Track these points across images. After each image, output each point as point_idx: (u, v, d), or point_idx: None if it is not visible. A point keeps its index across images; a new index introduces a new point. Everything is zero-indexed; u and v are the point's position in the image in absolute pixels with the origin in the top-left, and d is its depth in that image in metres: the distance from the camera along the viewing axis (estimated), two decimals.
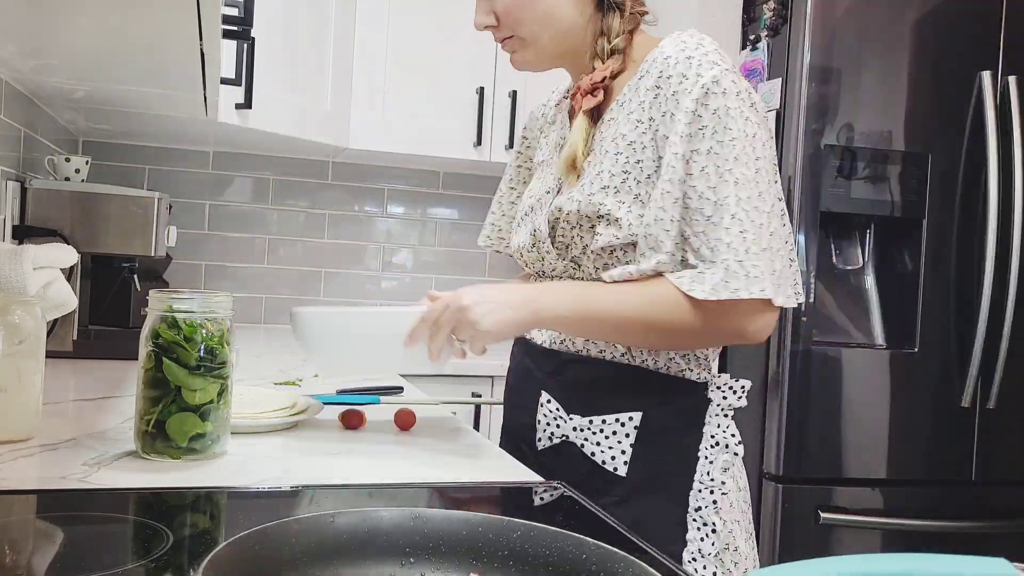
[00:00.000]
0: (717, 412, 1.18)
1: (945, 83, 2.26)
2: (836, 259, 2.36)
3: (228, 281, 2.94)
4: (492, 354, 1.20)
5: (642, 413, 1.16)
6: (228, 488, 0.95)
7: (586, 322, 1.14)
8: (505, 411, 1.34)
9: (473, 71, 2.75)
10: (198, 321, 1.03)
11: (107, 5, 1.17)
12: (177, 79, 1.69)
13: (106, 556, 0.74)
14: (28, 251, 1.34)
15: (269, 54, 2.33)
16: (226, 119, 2.25)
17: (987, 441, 2.29)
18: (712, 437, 1.17)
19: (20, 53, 1.54)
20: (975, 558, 0.55)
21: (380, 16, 2.69)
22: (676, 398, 1.17)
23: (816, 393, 2.20)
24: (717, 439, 1.17)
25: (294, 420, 1.27)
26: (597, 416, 1.18)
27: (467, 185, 3.17)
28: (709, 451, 1.17)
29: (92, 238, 1.92)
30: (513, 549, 0.61)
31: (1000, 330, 2.22)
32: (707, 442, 1.17)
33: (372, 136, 2.69)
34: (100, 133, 2.69)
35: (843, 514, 2.19)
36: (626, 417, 1.16)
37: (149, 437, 1.03)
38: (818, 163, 2.20)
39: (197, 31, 1.25)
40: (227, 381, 1.06)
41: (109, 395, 1.46)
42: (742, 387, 1.19)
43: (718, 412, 1.18)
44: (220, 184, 2.95)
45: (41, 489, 0.92)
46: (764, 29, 2.33)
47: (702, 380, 1.19)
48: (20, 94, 1.88)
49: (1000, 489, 2.32)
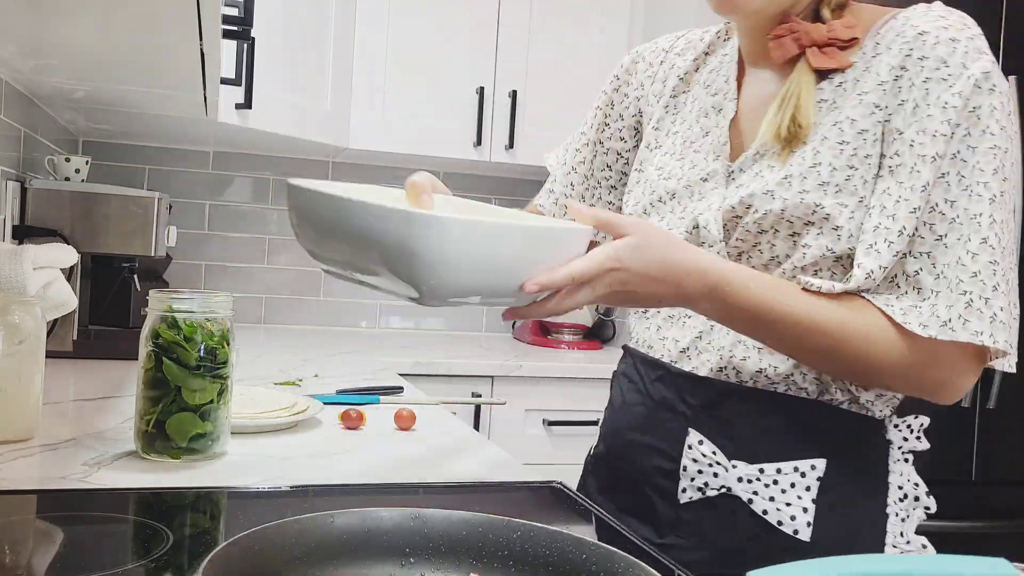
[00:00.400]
0: (899, 457, 0.99)
1: None
2: None
3: (228, 281, 2.94)
4: (491, 353, 1.20)
5: (826, 460, 0.95)
6: (228, 488, 0.95)
7: (766, 326, 0.90)
8: (608, 443, 1.11)
9: (473, 71, 2.75)
10: (198, 321, 1.03)
11: (107, 5, 1.16)
12: (177, 79, 1.69)
13: (106, 556, 0.74)
14: (28, 251, 1.34)
15: (269, 54, 2.33)
16: (226, 119, 2.25)
17: (987, 441, 2.29)
18: (900, 488, 0.99)
19: (20, 53, 1.54)
20: (975, 558, 0.56)
21: (380, 16, 2.69)
22: (861, 441, 0.97)
23: None
24: (906, 491, 0.99)
25: (294, 420, 1.27)
26: (770, 464, 0.95)
27: (467, 185, 3.17)
28: (898, 506, 0.98)
29: (92, 238, 1.92)
30: (513, 549, 0.62)
31: None
32: (894, 495, 0.98)
33: (372, 136, 2.69)
34: (100, 133, 2.69)
35: None
36: (807, 466, 0.95)
37: (149, 437, 1.03)
38: None
39: (197, 31, 1.25)
40: (227, 381, 1.06)
41: (109, 395, 1.46)
42: (920, 425, 1.00)
43: (899, 458, 0.99)
44: (220, 184, 2.95)
45: (41, 489, 0.92)
46: None
47: (881, 416, 0.98)
48: (20, 94, 1.88)
49: (1000, 489, 2.32)
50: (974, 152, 0.88)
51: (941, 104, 0.88)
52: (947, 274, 0.87)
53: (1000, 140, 0.88)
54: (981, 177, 0.87)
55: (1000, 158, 0.88)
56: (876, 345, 0.88)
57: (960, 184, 0.87)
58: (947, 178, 0.88)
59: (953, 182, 0.88)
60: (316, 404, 1.34)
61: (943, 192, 0.88)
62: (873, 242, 0.89)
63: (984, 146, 0.88)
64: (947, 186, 0.88)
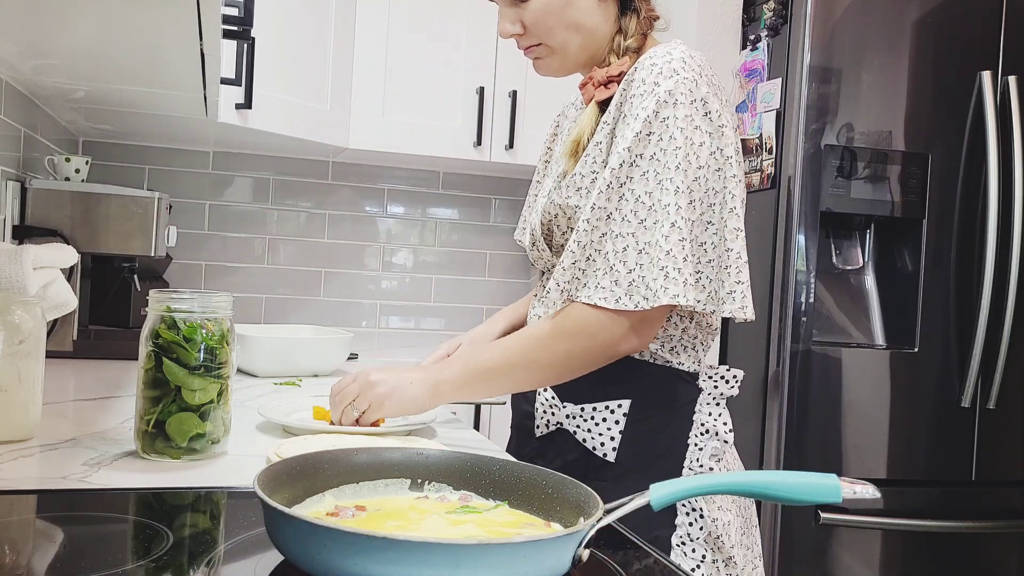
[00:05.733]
0: (708, 401, 1.21)
1: (945, 83, 2.26)
2: (836, 259, 2.36)
3: (228, 281, 2.94)
4: None
5: (630, 400, 1.19)
6: (228, 488, 0.95)
7: (479, 380, 1.17)
8: (513, 401, 1.38)
9: (473, 71, 2.75)
10: (198, 321, 1.03)
11: (107, 5, 1.17)
12: (177, 79, 1.69)
13: (106, 556, 0.74)
14: (28, 251, 1.34)
15: (269, 54, 2.33)
16: (226, 119, 2.25)
17: (987, 441, 2.29)
18: (702, 425, 1.20)
19: (20, 53, 1.54)
20: (811, 473, 0.73)
21: (380, 16, 2.69)
22: (666, 387, 1.20)
23: (816, 393, 2.20)
24: (707, 427, 1.19)
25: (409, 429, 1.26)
26: (588, 404, 1.21)
27: (467, 185, 3.17)
28: (699, 438, 1.19)
29: (92, 238, 1.92)
30: (492, 478, 0.84)
31: (1000, 330, 2.22)
32: (697, 430, 1.19)
33: (372, 136, 2.69)
34: (100, 133, 2.69)
35: (843, 514, 2.19)
36: (615, 404, 1.19)
37: (149, 437, 1.03)
38: (818, 163, 2.20)
39: (197, 31, 1.25)
40: (227, 381, 1.06)
41: (109, 395, 1.46)
42: (734, 376, 1.21)
43: (709, 401, 1.21)
44: (220, 184, 2.95)
45: (41, 489, 0.92)
46: (764, 29, 2.33)
47: (693, 370, 1.21)
48: (20, 94, 1.88)
49: (1000, 489, 2.32)
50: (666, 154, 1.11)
51: (636, 116, 1.11)
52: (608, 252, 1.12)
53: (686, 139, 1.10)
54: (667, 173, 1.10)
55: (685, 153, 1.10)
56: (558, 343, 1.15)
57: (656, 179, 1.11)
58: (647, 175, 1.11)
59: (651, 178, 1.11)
60: None
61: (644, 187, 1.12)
62: None
63: (672, 147, 1.11)
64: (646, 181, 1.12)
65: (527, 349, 1.15)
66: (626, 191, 1.11)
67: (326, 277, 3.06)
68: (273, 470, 0.76)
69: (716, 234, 1.13)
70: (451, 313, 3.13)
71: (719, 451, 1.19)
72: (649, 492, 0.72)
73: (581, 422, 1.21)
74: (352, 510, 0.77)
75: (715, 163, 1.12)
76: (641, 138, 1.10)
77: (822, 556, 2.21)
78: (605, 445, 1.19)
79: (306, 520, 0.64)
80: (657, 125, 1.10)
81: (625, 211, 1.11)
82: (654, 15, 1.25)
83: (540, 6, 1.20)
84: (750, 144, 2.36)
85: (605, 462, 1.19)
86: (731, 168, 1.13)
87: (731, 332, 2.45)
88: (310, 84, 2.52)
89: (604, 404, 1.20)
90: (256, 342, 1.78)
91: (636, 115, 1.11)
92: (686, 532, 1.15)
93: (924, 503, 2.25)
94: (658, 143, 1.10)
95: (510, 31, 1.23)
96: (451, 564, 0.60)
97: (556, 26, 1.21)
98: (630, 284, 1.09)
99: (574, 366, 1.15)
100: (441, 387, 1.17)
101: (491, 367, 1.17)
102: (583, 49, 1.23)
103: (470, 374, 1.17)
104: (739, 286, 1.12)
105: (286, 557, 0.67)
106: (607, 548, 0.78)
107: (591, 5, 1.21)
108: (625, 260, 1.10)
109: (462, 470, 0.85)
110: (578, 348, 1.13)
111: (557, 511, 0.78)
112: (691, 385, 1.21)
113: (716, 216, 1.12)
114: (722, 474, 0.77)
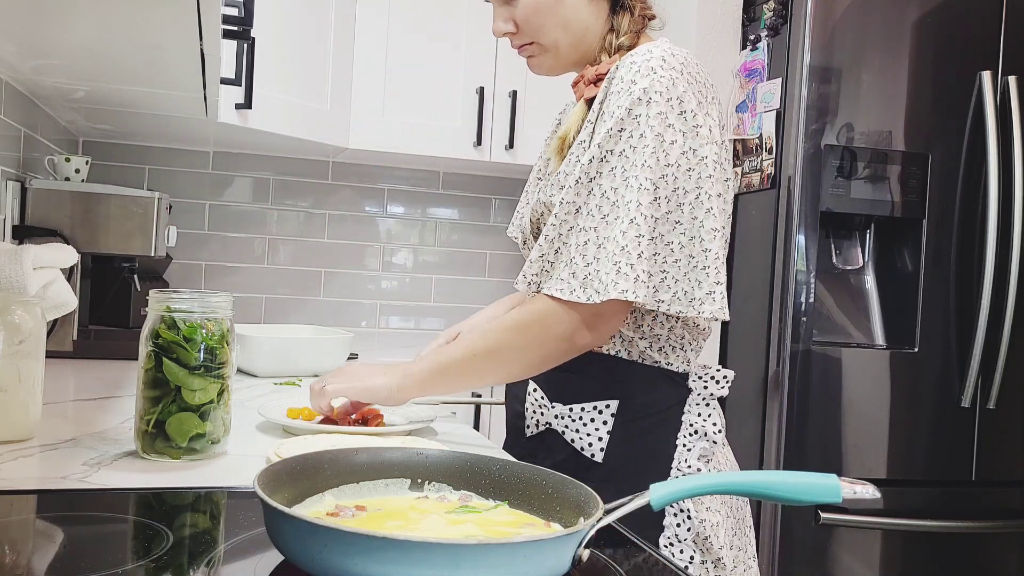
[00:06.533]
0: (698, 401, 1.20)
1: (945, 83, 2.26)
2: (836, 259, 2.36)
3: (228, 281, 2.94)
4: None
5: (619, 401, 1.19)
6: (228, 488, 0.95)
7: (446, 373, 1.18)
8: (506, 401, 1.39)
9: (473, 71, 2.75)
10: (198, 321, 1.03)
11: (107, 5, 1.17)
12: (177, 79, 1.69)
13: (106, 556, 0.74)
14: (28, 251, 1.34)
15: (269, 54, 2.33)
16: (226, 119, 2.25)
17: (987, 441, 2.29)
18: (691, 425, 1.19)
19: (20, 53, 1.54)
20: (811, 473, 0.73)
21: (380, 16, 2.69)
22: (655, 387, 1.20)
23: (816, 393, 2.20)
24: (696, 428, 1.19)
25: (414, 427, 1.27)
26: (577, 404, 1.21)
27: (467, 185, 3.17)
28: (688, 439, 1.19)
29: (92, 238, 1.92)
30: (492, 478, 0.84)
31: (1000, 330, 2.22)
32: (686, 430, 1.19)
33: (372, 136, 2.69)
34: (100, 133, 2.69)
35: (843, 514, 2.19)
36: (603, 405, 1.19)
37: (149, 437, 1.03)
38: (818, 163, 2.20)
39: (197, 31, 1.25)
40: (227, 381, 1.06)
41: (109, 395, 1.46)
42: (724, 376, 1.21)
43: (699, 401, 1.20)
44: (220, 184, 2.95)
45: (41, 489, 0.92)
46: (764, 29, 2.33)
47: (682, 371, 1.21)
48: (20, 94, 1.88)
49: (1000, 489, 2.32)
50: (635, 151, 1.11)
51: (611, 114, 1.12)
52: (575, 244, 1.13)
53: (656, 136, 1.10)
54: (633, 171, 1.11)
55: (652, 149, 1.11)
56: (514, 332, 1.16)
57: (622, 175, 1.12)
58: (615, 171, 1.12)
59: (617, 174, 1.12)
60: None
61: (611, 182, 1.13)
62: None
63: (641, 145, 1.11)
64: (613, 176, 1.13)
65: (489, 341, 1.16)
66: (594, 186, 1.12)
67: (326, 277, 3.06)
68: (273, 470, 0.76)
69: (685, 234, 1.11)
70: (451, 313, 3.13)
71: (708, 452, 1.19)
72: (649, 492, 0.73)
73: (569, 422, 1.21)
74: (352, 510, 0.77)
75: (686, 163, 1.11)
76: (613, 134, 1.11)
77: (822, 556, 2.21)
78: (593, 446, 1.19)
79: (306, 520, 0.64)
80: (629, 122, 1.10)
81: (591, 206, 1.11)
82: (649, 13, 1.26)
83: (531, 4, 1.21)
84: (750, 144, 2.36)
85: (593, 463, 1.19)
86: (706, 168, 1.11)
87: (731, 332, 2.45)
88: (310, 84, 2.52)
89: (592, 404, 1.20)
90: (256, 342, 1.79)
91: (612, 113, 1.12)
92: (674, 533, 1.14)
93: (924, 503, 2.25)
94: (628, 140, 1.10)
95: (503, 29, 1.25)
96: (451, 564, 0.60)
97: (547, 24, 1.21)
98: (585, 277, 1.09)
99: (534, 359, 1.15)
100: (408, 379, 1.18)
101: (456, 359, 1.17)
102: (574, 47, 1.24)
103: (436, 366, 1.18)
104: (718, 287, 1.11)
105: (286, 557, 0.67)
106: (607, 548, 0.78)
107: (581, 3, 1.21)
108: (584, 254, 1.10)
109: (462, 470, 0.85)
110: (534, 340, 1.13)
111: (557, 511, 0.78)
112: (680, 386, 1.21)
113: (686, 216, 1.11)
114: (723, 474, 0.76)
